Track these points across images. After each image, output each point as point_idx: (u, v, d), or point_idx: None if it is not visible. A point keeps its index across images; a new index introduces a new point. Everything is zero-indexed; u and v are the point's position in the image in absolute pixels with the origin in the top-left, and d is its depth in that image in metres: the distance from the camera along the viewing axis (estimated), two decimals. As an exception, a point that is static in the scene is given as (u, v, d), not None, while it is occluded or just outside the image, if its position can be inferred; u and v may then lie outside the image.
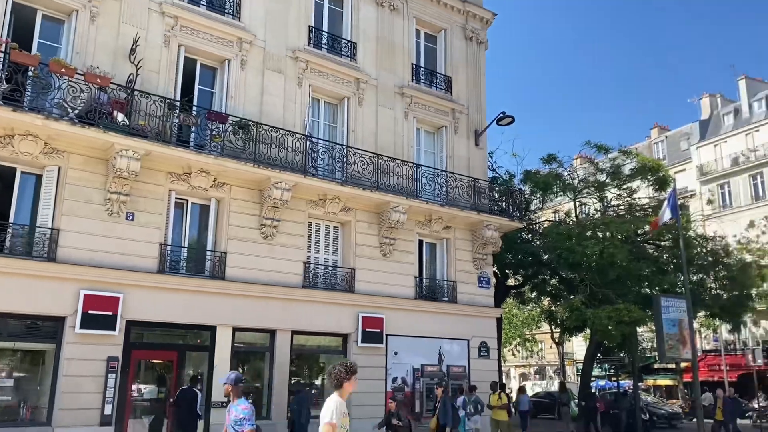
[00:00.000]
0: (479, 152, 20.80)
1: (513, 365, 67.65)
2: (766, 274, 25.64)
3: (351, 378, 5.46)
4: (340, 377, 5.43)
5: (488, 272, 20.08)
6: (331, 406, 5.33)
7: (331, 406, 5.32)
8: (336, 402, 5.34)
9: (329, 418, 5.28)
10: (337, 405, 5.33)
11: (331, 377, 5.45)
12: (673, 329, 19.34)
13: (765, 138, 44.36)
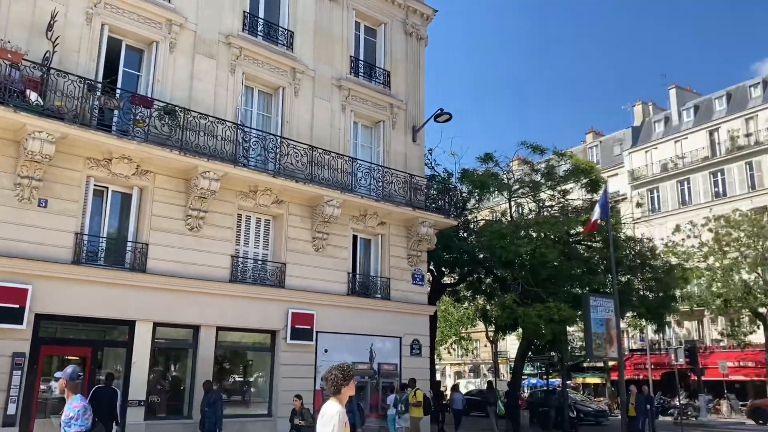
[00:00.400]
0: (417, 148, 20.65)
1: (448, 363, 68.29)
2: (690, 276, 26.55)
3: (349, 382, 4.99)
4: (337, 382, 4.94)
5: (422, 269, 19.96)
6: (334, 417, 4.78)
7: (334, 417, 4.78)
8: (339, 412, 4.83)
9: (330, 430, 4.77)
10: (339, 415, 4.81)
11: (327, 383, 4.97)
12: (600, 328, 19.64)
13: (692, 146, 46.20)
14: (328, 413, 4.80)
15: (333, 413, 4.77)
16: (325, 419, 4.79)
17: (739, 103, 44.91)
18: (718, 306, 34.04)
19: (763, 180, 41.23)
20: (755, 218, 33.48)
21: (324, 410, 4.89)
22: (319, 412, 5.05)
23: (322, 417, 4.83)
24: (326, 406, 4.90)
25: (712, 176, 44.60)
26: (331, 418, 4.75)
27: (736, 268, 32.61)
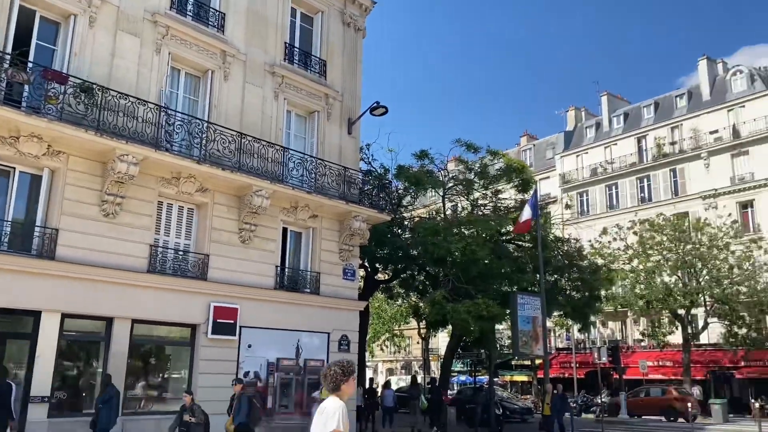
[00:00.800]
0: (352, 141, 20.26)
1: (381, 360, 68.35)
2: (614, 277, 27.28)
3: (349, 379, 4.79)
4: (336, 379, 4.75)
5: (354, 264, 19.60)
6: (337, 411, 4.61)
7: (337, 412, 4.60)
8: (341, 407, 4.65)
9: (336, 424, 4.57)
10: (342, 410, 4.63)
11: (326, 379, 4.78)
12: (527, 326, 19.90)
13: (621, 152, 47.76)
14: (329, 409, 4.63)
15: (336, 408, 4.62)
16: (326, 415, 4.62)
17: (665, 112, 46.74)
18: (640, 307, 35.21)
19: (686, 187, 43.01)
20: (677, 223, 34.82)
21: (324, 406, 4.70)
22: (182, 408, 4.60)
23: (322, 413, 4.66)
24: (327, 403, 4.71)
25: (639, 182, 46.24)
26: (334, 413, 4.59)
27: (658, 271, 33.82)
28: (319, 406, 4.78)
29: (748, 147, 40.03)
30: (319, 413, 4.71)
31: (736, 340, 33.87)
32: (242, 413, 12.32)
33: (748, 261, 32.50)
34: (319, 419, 4.67)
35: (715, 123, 42.26)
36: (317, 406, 4.94)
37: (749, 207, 39.55)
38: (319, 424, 4.65)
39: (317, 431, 4.65)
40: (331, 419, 4.58)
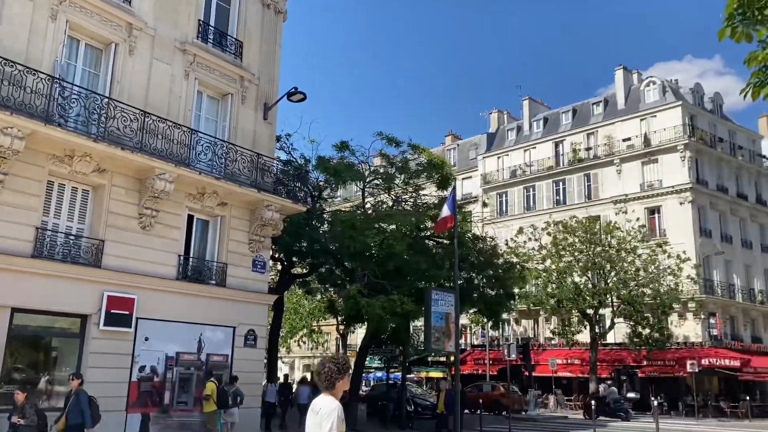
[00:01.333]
0: (268, 127, 19.47)
1: (298, 356, 67.35)
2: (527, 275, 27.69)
3: (344, 376, 4.60)
4: (331, 376, 4.54)
5: (265, 256, 18.84)
6: (333, 411, 4.41)
7: (333, 412, 4.40)
8: (338, 407, 4.46)
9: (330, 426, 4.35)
10: (339, 410, 4.45)
11: (320, 376, 4.57)
12: (440, 322, 19.73)
13: (540, 155, 48.94)
14: (325, 408, 4.43)
15: (332, 407, 4.42)
16: (322, 414, 4.41)
17: (583, 118, 48.23)
18: (551, 306, 36.09)
19: (599, 191, 44.51)
20: (589, 226, 35.90)
21: (319, 404, 4.50)
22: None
23: (317, 413, 4.46)
24: (321, 401, 4.51)
25: (555, 185, 47.51)
26: (330, 413, 4.39)
27: (569, 271, 34.75)
28: (312, 404, 4.58)
29: (658, 155, 41.83)
30: (313, 412, 4.51)
31: (640, 340, 35.27)
32: (82, 413, 10.96)
33: (653, 264, 33.87)
34: (314, 419, 4.48)
35: (629, 131, 43.94)
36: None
37: (656, 213, 41.33)
38: (313, 424, 4.46)
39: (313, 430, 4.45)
40: (326, 420, 4.38)
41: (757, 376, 37.09)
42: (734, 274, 41.22)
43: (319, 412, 4.45)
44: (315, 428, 4.42)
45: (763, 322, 42.32)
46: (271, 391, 22.28)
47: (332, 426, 4.35)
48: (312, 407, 4.56)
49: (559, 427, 24.69)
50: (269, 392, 22.07)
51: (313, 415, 4.50)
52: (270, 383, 23.28)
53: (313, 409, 4.54)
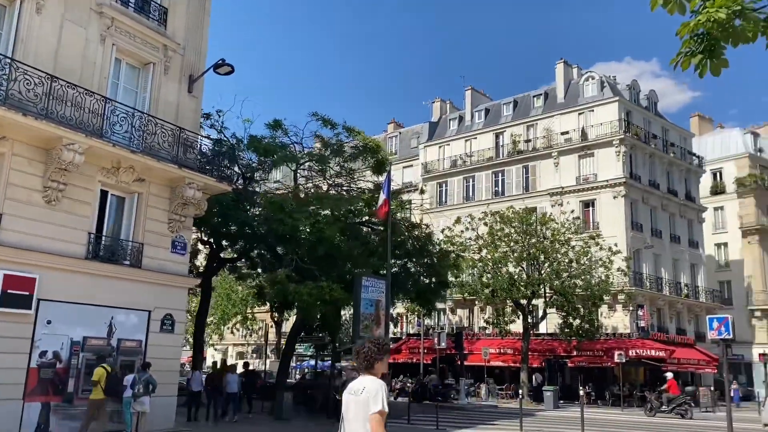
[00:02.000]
0: (193, 101, 18.39)
1: (232, 343, 65.91)
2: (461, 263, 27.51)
3: (384, 357, 4.57)
4: (371, 357, 4.52)
5: (186, 237, 17.82)
6: (380, 389, 4.35)
7: (381, 390, 4.35)
8: (383, 386, 4.40)
9: (381, 405, 4.30)
10: (384, 389, 4.38)
11: (359, 357, 4.56)
12: (370, 309, 19.22)
13: (480, 146, 49.04)
14: (370, 387, 4.34)
15: (377, 386, 4.36)
16: (367, 395, 4.32)
17: (523, 111, 48.57)
18: (486, 296, 36.18)
19: (536, 184, 44.94)
20: (525, 217, 36.09)
21: (361, 385, 4.40)
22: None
23: (359, 393, 4.38)
24: (363, 381, 4.43)
25: (494, 176, 47.73)
26: (377, 392, 4.31)
27: (504, 262, 34.88)
28: (350, 386, 4.51)
29: (594, 149, 42.49)
30: (353, 393, 4.43)
31: (571, 331, 35.79)
32: None
33: (585, 256, 34.34)
34: (357, 399, 4.37)
35: (567, 125, 44.48)
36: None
37: (591, 206, 42.04)
38: (358, 404, 4.35)
39: (357, 412, 4.34)
40: (374, 400, 4.30)
41: (680, 366, 38.28)
42: (662, 268, 42.42)
43: (362, 392, 4.35)
44: (359, 408, 4.33)
45: (687, 315, 43.78)
46: (196, 379, 21.05)
47: (383, 405, 4.27)
48: (351, 389, 4.47)
49: (486, 416, 24.65)
50: (194, 380, 20.84)
51: (354, 397, 4.40)
52: (195, 371, 22.18)
53: (353, 390, 4.45)
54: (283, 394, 21.34)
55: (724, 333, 16.24)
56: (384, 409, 4.28)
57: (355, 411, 4.36)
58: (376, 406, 4.27)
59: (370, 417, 4.26)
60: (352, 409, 4.39)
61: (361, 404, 4.33)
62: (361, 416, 4.31)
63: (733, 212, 51.46)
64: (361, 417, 4.32)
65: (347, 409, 4.44)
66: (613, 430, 20.82)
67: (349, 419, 4.43)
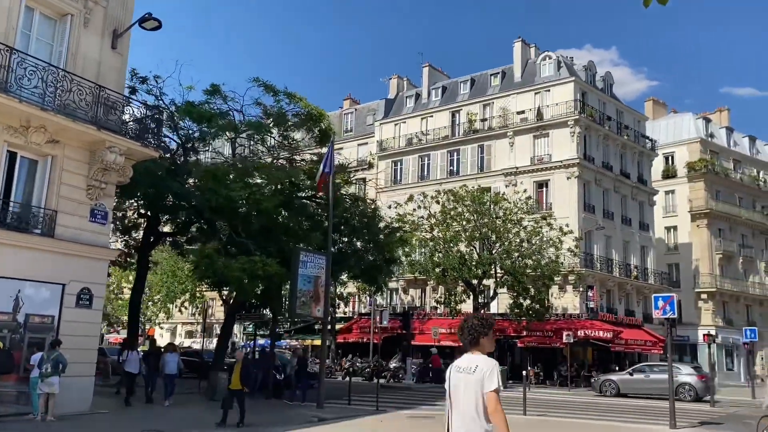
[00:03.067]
0: (117, 58, 16.94)
1: (180, 322, 64.27)
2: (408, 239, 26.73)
3: (489, 332, 4.46)
4: (476, 330, 4.44)
5: (107, 205, 16.48)
6: (494, 367, 4.31)
7: (495, 369, 4.30)
8: (496, 364, 4.35)
9: (497, 383, 4.27)
10: (497, 367, 4.34)
11: (464, 332, 4.48)
12: (308, 286, 18.31)
13: (437, 124, 48.24)
14: (483, 366, 4.32)
15: (492, 364, 4.34)
16: (480, 372, 4.30)
17: (480, 89, 47.91)
18: (437, 275, 35.64)
19: (491, 163, 44.45)
20: (477, 196, 35.54)
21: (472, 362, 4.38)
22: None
23: (470, 371, 4.34)
24: (474, 359, 4.42)
25: (450, 155, 47.06)
26: (491, 370, 4.30)
27: (455, 241, 34.33)
28: (459, 364, 4.46)
29: (549, 130, 42.15)
30: (464, 371, 4.38)
31: (521, 311, 35.58)
32: None
33: (536, 236, 34.04)
34: (468, 378, 4.34)
35: (523, 104, 44.00)
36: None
37: (545, 187, 41.79)
38: (469, 382, 4.32)
39: (469, 389, 4.30)
40: (489, 378, 4.27)
41: (627, 347, 38.59)
42: (613, 250, 42.58)
43: (475, 371, 4.30)
44: (471, 387, 4.28)
45: (636, 297, 44.18)
46: (132, 359, 19.15)
47: (498, 383, 4.25)
48: (461, 367, 4.41)
49: (431, 396, 24.11)
50: (130, 361, 19.05)
51: (465, 375, 4.35)
52: (131, 350, 20.11)
53: (462, 368, 4.39)
54: (217, 374, 20.23)
55: (669, 312, 15.88)
56: (500, 387, 4.27)
57: (465, 388, 4.30)
58: (492, 384, 4.25)
59: (487, 395, 4.23)
60: (463, 386, 4.32)
61: (474, 382, 4.28)
62: (473, 394, 4.27)
63: (684, 196, 52.11)
64: (473, 394, 4.27)
65: (456, 386, 4.37)
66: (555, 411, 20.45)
67: (458, 396, 4.35)
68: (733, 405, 24.77)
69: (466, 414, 4.27)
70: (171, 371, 19.05)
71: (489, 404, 4.22)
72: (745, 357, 45.11)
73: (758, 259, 54.92)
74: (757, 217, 55.29)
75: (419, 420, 16.94)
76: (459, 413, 4.33)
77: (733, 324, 49.54)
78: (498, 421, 4.19)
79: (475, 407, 4.25)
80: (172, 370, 19.12)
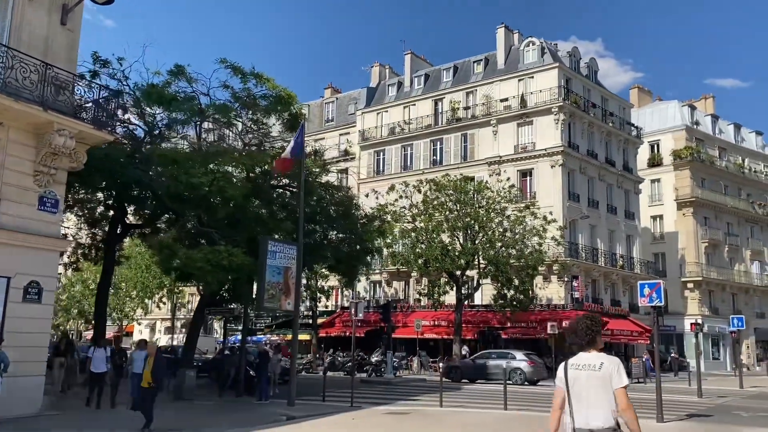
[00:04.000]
0: (67, 35, 15.77)
1: (160, 318, 63.04)
2: (386, 229, 25.80)
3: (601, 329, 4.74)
4: (591, 329, 4.71)
5: (57, 192, 15.37)
6: (620, 364, 4.61)
7: (621, 365, 4.61)
8: (620, 361, 4.66)
9: (625, 378, 4.57)
10: (621, 363, 4.63)
11: (578, 333, 4.71)
12: (277, 277, 17.27)
13: (419, 113, 47.28)
14: (609, 364, 4.56)
15: (617, 361, 4.62)
16: (609, 367, 4.55)
17: (463, 77, 46.98)
18: (419, 266, 34.78)
19: (475, 152, 43.59)
20: (460, 185, 34.65)
21: (596, 360, 4.60)
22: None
23: (597, 367, 4.57)
24: (596, 357, 4.64)
25: (433, 144, 46.16)
26: (619, 367, 4.56)
27: (437, 231, 33.47)
28: (577, 361, 4.67)
29: (533, 117, 41.32)
30: (585, 368, 4.59)
31: (505, 302, 34.82)
32: None
33: (519, 225, 33.24)
34: (594, 374, 4.55)
35: (507, 91, 43.13)
36: None
37: (529, 175, 40.99)
38: (596, 378, 4.53)
39: (596, 386, 4.50)
40: (618, 375, 4.53)
41: (613, 338, 37.96)
42: (598, 239, 41.92)
43: (601, 368, 4.54)
44: (598, 383, 4.49)
45: (622, 286, 43.57)
46: (98, 357, 16.99)
47: (625, 378, 4.52)
48: (580, 364, 4.62)
49: (411, 391, 23.23)
50: (96, 359, 16.91)
51: (589, 372, 4.55)
52: (96, 347, 17.78)
53: (583, 365, 4.60)
54: (185, 372, 19.19)
55: (655, 300, 15.09)
56: (628, 383, 4.53)
57: (590, 385, 4.50)
58: (622, 381, 4.50)
59: (617, 391, 4.47)
60: (586, 382, 4.52)
61: (602, 378, 4.49)
62: (603, 390, 4.48)
63: (669, 184, 51.59)
64: (602, 390, 4.48)
65: (578, 383, 4.55)
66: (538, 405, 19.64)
67: (581, 393, 4.52)
68: (721, 395, 24.12)
69: (594, 409, 4.47)
70: (138, 371, 15.94)
71: (620, 400, 4.47)
72: (731, 346, 44.65)
73: (744, 248, 54.58)
74: (743, 205, 54.95)
75: (395, 416, 16.03)
76: (584, 409, 4.51)
77: (719, 313, 49.17)
78: (629, 416, 4.47)
79: (607, 403, 4.47)
80: (140, 369, 16.90)
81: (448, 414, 16.48)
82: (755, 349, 52.61)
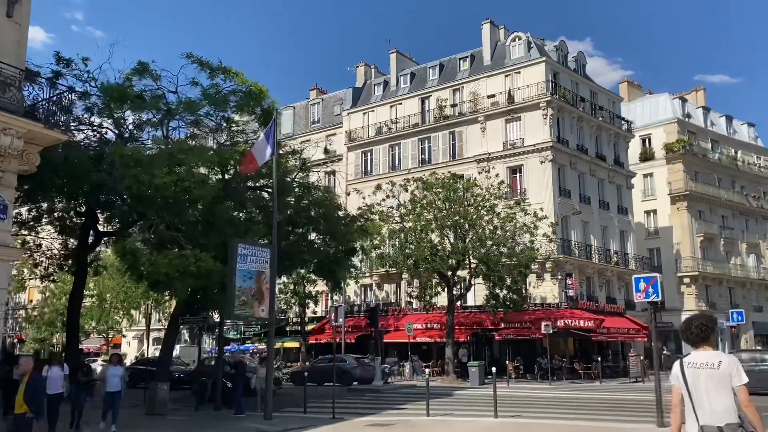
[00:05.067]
0: (13, 29, 14.68)
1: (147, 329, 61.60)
2: (369, 228, 24.74)
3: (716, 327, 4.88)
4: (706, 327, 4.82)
5: (6, 197, 14.24)
6: (738, 362, 4.71)
7: (739, 363, 4.70)
8: (737, 358, 4.77)
9: (745, 377, 4.65)
10: (739, 362, 4.73)
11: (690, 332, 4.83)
12: (249, 283, 16.21)
13: (406, 111, 46.32)
14: (728, 362, 4.67)
15: (734, 358, 4.73)
16: (728, 366, 4.64)
17: (450, 74, 46.08)
18: (408, 267, 33.75)
19: (463, 150, 42.65)
20: (450, 184, 33.65)
21: (714, 359, 4.70)
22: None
23: (716, 366, 4.64)
24: (712, 356, 4.74)
25: (420, 143, 45.22)
26: (737, 364, 4.66)
27: (425, 230, 32.47)
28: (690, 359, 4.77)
29: (521, 113, 40.39)
30: (704, 366, 4.67)
31: (497, 302, 33.81)
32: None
33: (510, 222, 32.26)
34: (713, 372, 4.63)
35: (494, 87, 42.22)
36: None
37: (518, 172, 40.05)
38: (715, 377, 4.60)
39: (716, 384, 4.59)
40: (738, 373, 4.62)
41: (609, 336, 37.06)
42: (591, 235, 40.97)
43: (720, 366, 4.62)
44: (719, 381, 4.59)
45: (617, 283, 42.63)
46: (54, 378, 14.17)
47: (744, 376, 4.61)
48: (697, 363, 4.71)
49: (398, 399, 22.13)
50: (52, 379, 13.95)
51: (708, 370, 4.64)
52: (51, 366, 14.50)
53: (701, 364, 4.69)
54: (157, 385, 18.07)
55: (652, 295, 14.07)
56: (748, 380, 4.61)
57: (710, 383, 4.59)
58: (742, 378, 4.60)
59: (739, 389, 4.59)
60: (706, 381, 4.61)
61: (722, 376, 4.59)
62: (723, 388, 4.59)
63: (662, 178, 50.71)
64: (722, 388, 4.59)
65: (696, 381, 4.64)
66: (531, 409, 18.59)
67: (700, 391, 4.62)
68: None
69: (717, 407, 4.56)
70: (112, 389, 14.92)
71: (742, 397, 4.57)
72: (730, 340, 43.73)
73: (739, 241, 53.75)
74: (737, 197, 54.14)
75: (378, 428, 14.96)
76: (706, 407, 4.59)
77: (717, 308, 48.22)
78: (751, 412, 4.56)
79: (729, 400, 4.57)
80: (115, 386, 14.93)
81: (435, 424, 15.41)
82: (754, 344, 51.71)
